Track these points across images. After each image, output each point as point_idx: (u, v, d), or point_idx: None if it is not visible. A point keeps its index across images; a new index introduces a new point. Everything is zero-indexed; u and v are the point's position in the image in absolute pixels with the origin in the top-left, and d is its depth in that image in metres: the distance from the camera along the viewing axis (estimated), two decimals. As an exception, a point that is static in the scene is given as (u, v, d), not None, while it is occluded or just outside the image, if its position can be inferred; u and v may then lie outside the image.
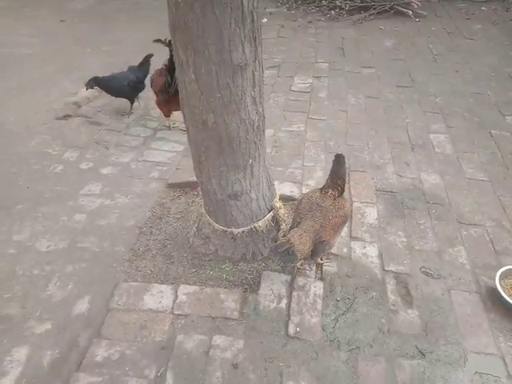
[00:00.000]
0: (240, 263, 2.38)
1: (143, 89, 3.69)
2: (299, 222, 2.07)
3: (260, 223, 2.31)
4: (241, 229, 2.28)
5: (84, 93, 3.97)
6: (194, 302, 2.13)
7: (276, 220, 2.42)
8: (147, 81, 3.56)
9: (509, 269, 2.25)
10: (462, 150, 3.30)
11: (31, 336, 2.02)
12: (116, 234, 2.60)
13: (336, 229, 2.11)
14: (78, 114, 3.74)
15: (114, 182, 3.02)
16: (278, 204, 2.41)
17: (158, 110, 3.50)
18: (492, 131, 3.50)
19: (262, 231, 2.34)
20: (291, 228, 2.17)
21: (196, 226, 2.50)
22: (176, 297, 2.15)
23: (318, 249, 2.09)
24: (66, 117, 3.71)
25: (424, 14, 5.82)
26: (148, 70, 3.65)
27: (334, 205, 2.09)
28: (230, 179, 2.03)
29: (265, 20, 5.94)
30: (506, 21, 5.74)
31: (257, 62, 1.66)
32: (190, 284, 2.27)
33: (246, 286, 2.26)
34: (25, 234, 2.60)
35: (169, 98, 3.24)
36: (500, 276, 2.20)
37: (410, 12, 5.80)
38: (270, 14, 6.13)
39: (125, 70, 3.68)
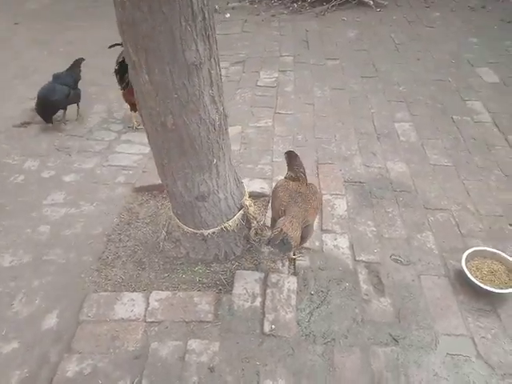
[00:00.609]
0: (213, 264, 2.36)
1: (78, 94, 3.55)
2: (284, 211, 2.08)
3: (230, 223, 2.29)
4: (211, 230, 2.25)
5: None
6: (166, 308, 2.09)
7: (246, 218, 2.40)
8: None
9: (474, 251, 2.32)
10: (426, 137, 3.37)
11: (-3, 357, 1.94)
12: (83, 243, 2.52)
13: (317, 211, 2.22)
14: (36, 121, 3.59)
15: (78, 189, 2.93)
16: (248, 202, 2.39)
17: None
18: (454, 117, 3.59)
19: (233, 230, 2.32)
20: (273, 219, 2.20)
21: (166, 229, 2.46)
22: (148, 304, 2.11)
23: (306, 233, 2.14)
24: (25, 124, 3.56)
25: (385, 3, 5.90)
26: (79, 75, 3.54)
27: (309, 189, 2.18)
28: (195, 180, 1.99)
29: (228, 15, 5.88)
30: (464, 8, 5.88)
31: (212, 60, 1.62)
32: (162, 290, 2.23)
33: (220, 287, 2.25)
34: (-14, 249, 2.48)
35: (127, 92, 3.21)
36: (466, 258, 2.26)
37: (371, 2, 5.86)
38: (233, 8, 6.06)
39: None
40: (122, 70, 3.15)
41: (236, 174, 2.31)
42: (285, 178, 2.28)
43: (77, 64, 3.53)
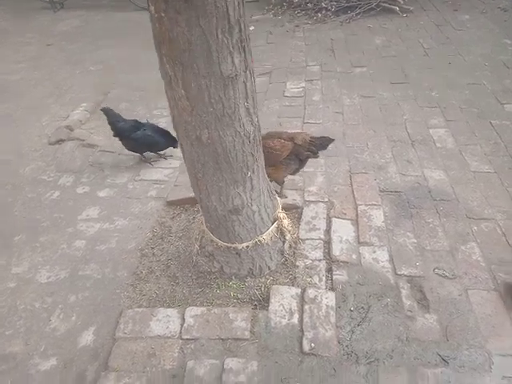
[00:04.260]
0: (247, 279, 2.30)
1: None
2: (292, 138, 2.52)
3: (264, 236, 2.24)
4: (245, 243, 2.20)
5: (75, 115, 3.93)
6: (202, 325, 2.04)
7: (281, 231, 2.35)
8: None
9: (525, 263, 2.17)
10: (463, 142, 3.23)
11: (36, 374, 1.94)
12: (117, 258, 2.53)
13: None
14: (70, 138, 3.68)
15: (111, 204, 2.95)
16: (282, 214, 2.34)
17: None
18: (492, 121, 3.44)
19: (267, 244, 2.26)
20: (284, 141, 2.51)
21: (198, 243, 2.42)
22: (183, 320, 2.07)
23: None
24: (59, 141, 3.65)
25: (411, 8, 5.79)
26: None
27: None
28: (229, 194, 1.96)
29: (252, 28, 5.91)
30: (494, 8, 5.71)
31: (247, 71, 1.60)
32: (196, 305, 2.18)
33: (256, 303, 2.19)
34: (24, 265, 2.52)
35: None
36: (517, 271, 2.12)
37: (397, 8, 5.77)
38: (257, 21, 6.10)
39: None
40: None
41: (269, 185, 2.26)
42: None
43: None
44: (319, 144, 2.55)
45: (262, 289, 2.25)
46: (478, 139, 3.25)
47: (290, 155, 2.53)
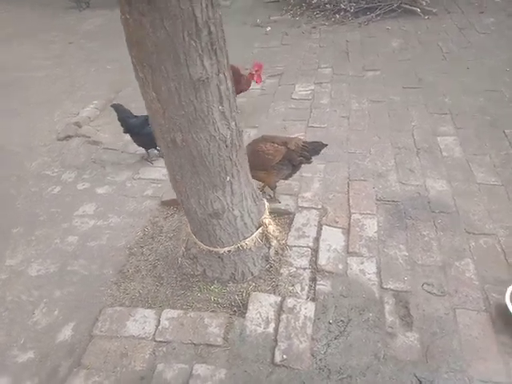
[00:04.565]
0: (229, 284, 2.28)
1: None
2: (285, 142, 2.50)
3: (247, 241, 2.20)
4: (227, 248, 2.17)
5: (85, 112, 4.02)
6: (176, 328, 2.03)
7: (266, 237, 2.31)
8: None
9: (522, 284, 2.03)
10: (472, 152, 3.07)
11: (13, 365, 1.99)
12: (106, 255, 2.56)
13: None
14: (78, 134, 3.76)
15: (108, 201, 2.99)
16: (267, 220, 2.30)
17: None
18: (506, 130, 3.25)
19: (250, 249, 2.23)
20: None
21: (184, 245, 2.42)
22: (159, 322, 2.07)
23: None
24: (67, 137, 3.74)
25: (433, 10, 5.58)
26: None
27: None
28: (208, 198, 1.93)
29: (268, 28, 5.88)
30: (523, 11, 5.42)
31: (221, 75, 1.56)
32: (177, 307, 2.18)
33: (235, 309, 2.16)
34: (18, 258, 2.60)
35: None
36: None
37: (418, 10, 5.57)
38: (275, 22, 6.05)
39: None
40: None
41: (255, 191, 2.22)
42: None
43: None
44: (312, 149, 2.50)
45: (244, 295, 2.22)
46: (488, 149, 3.09)
47: (283, 160, 2.48)
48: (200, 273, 2.32)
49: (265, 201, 2.40)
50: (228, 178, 1.89)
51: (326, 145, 2.57)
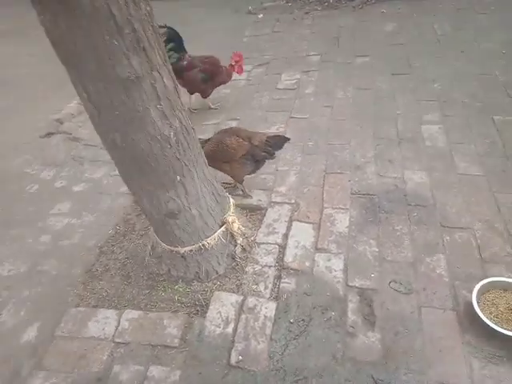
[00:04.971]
0: (193, 283, 2.24)
1: None
2: (250, 138, 2.48)
3: (209, 240, 2.16)
4: (187, 248, 2.14)
5: (69, 109, 4.00)
6: (136, 329, 2.02)
7: (231, 234, 2.26)
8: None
9: (491, 281, 1.94)
10: (456, 141, 2.94)
11: (-24, 367, 2.01)
12: (76, 254, 2.55)
13: None
14: (59, 131, 3.76)
15: (83, 199, 2.98)
16: (231, 218, 2.25)
17: None
18: (495, 117, 3.11)
19: (213, 248, 2.19)
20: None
21: (151, 244, 2.39)
22: (119, 323, 2.05)
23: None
24: (49, 134, 3.74)
25: (431, -10, 5.34)
26: None
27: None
28: (160, 198, 1.89)
29: (260, 15, 5.74)
30: (527, -12, 5.14)
31: (155, 73, 1.50)
32: (140, 307, 2.16)
33: (198, 308, 2.12)
34: (-9, 258, 2.62)
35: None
36: (480, 290, 1.91)
37: (415, -10, 5.34)
38: (265, 8, 5.90)
39: None
40: None
41: (216, 188, 2.17)
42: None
43: None
44: (274, 143, 2.43)
45: (207, 294, 2.18)
46: (473, 137, 2.95)
47: (246, 155, 2.42)
48: (165, 272, 2.30)
49: (230, 198, 2.35)
50: (179, 178, 1.84)
51: (289, 139, 2.52)
